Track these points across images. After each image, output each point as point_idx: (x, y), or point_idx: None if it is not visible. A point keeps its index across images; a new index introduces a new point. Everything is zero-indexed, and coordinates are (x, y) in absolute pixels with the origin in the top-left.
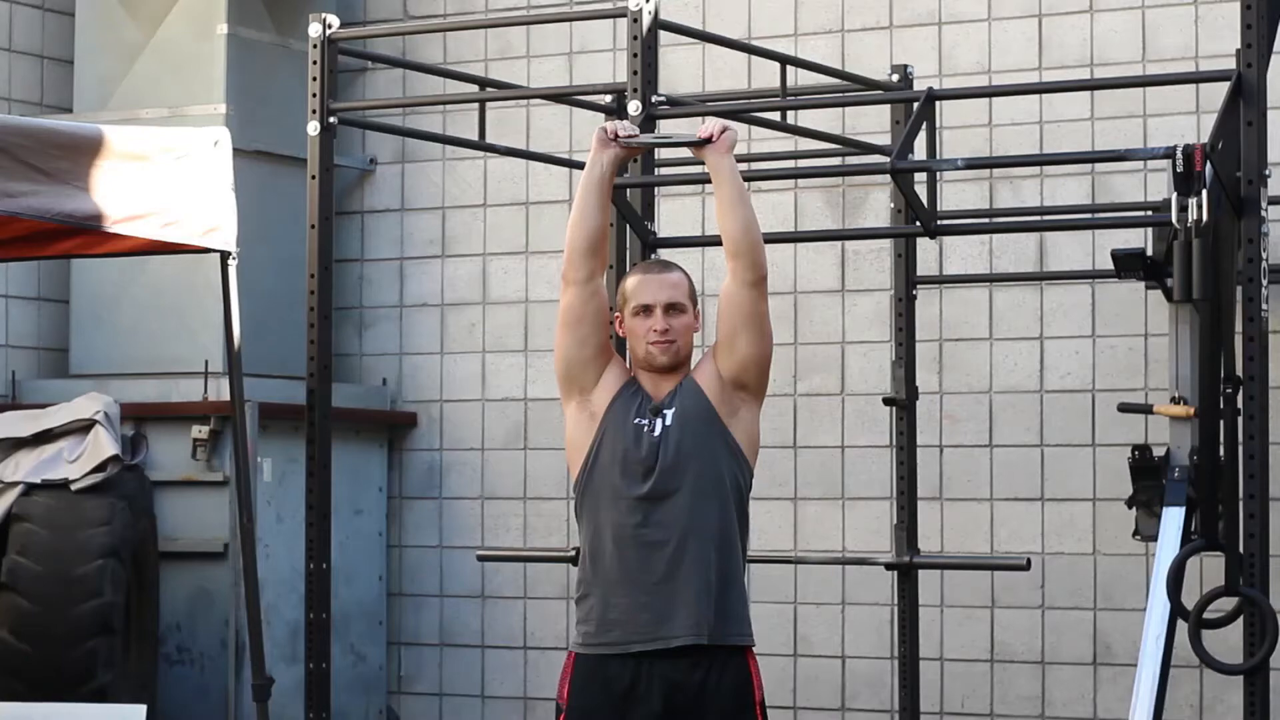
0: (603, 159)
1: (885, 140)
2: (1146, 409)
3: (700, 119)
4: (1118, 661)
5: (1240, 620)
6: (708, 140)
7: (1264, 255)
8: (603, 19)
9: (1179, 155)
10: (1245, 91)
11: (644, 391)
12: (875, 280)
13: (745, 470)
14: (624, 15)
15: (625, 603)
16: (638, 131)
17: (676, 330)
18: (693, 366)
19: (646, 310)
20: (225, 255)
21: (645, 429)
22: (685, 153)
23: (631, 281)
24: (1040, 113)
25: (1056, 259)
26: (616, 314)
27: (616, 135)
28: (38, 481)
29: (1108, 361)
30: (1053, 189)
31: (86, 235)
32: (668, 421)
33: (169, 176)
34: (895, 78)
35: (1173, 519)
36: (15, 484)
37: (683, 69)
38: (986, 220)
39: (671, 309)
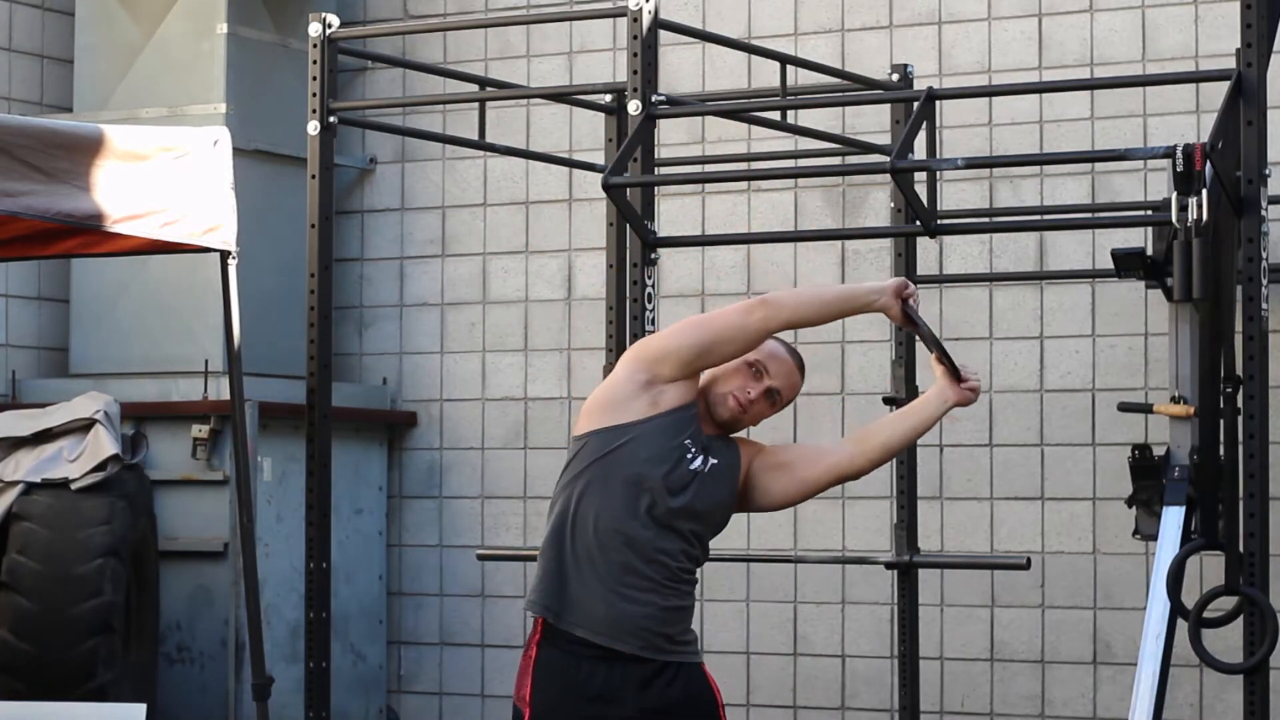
0: (880, 301)
1: (885, 140)
2: (1146, 408)
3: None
4: (1118, 661)
5: (1240, 620)
6: (963, 385)
7: (1264, 255)
8: (603, 18)
9: (1179, 155)
10: (1245, 91)
11: (698, 420)
12: (875, 280)
13: (706, 551)
14: (624, 15)
15: (590, 589)
16: (920, 314)
17: (755, 412)
18: (735, 433)
19: (759, 374)
20: (225, 255)
21: (688, 456)
22: (685, 152)
23: (771, 350)
24: (1040, 112)
25: (1056, 259)
26: (730, 354)
27: (909, 298)
28: (38, 481)
29: (1108, 361)
30: (1053, 188)
31: (86, 235)
32: (706, 467)
33: (169, 176)
34: (895, 77)
35: (1173, 518)
36: (15, 483)
37: (683, 69)
38: (986, 220)
39: (771, 394)
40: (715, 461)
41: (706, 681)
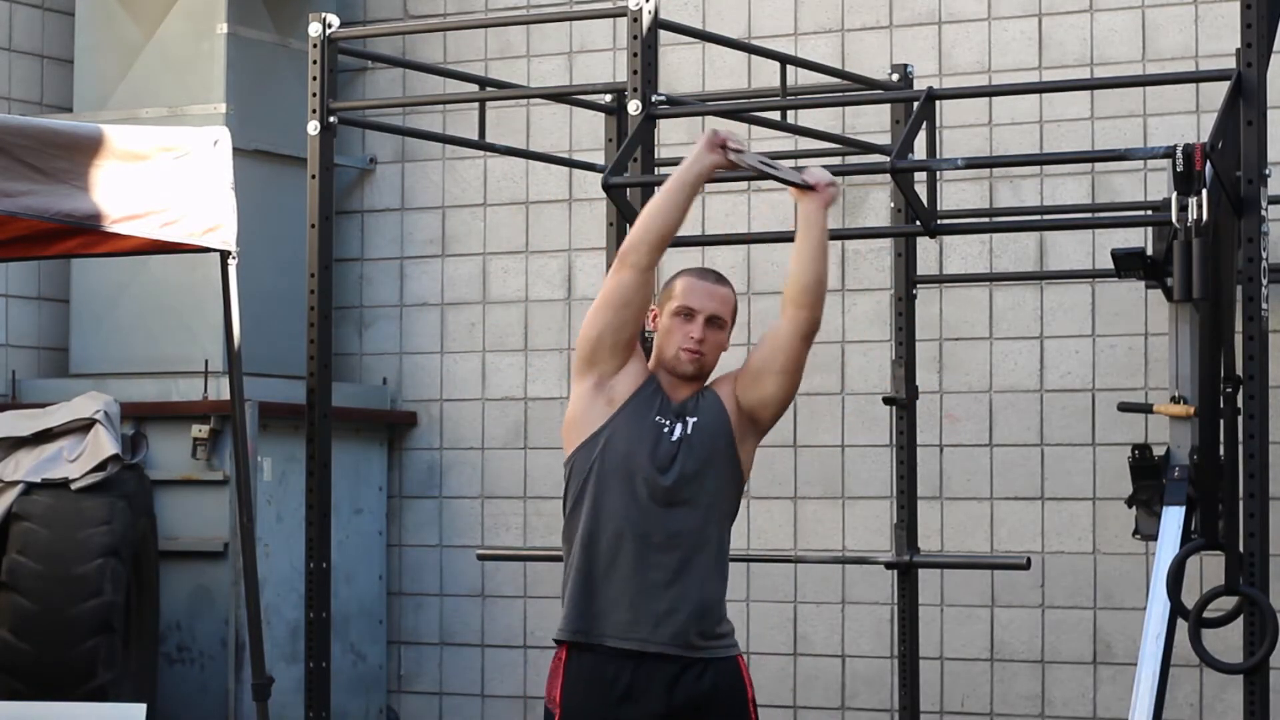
0: (703, 162)
1: (885, 140)
2: (1146, 408)
3: (794, 166)
4: (1118, 661)
5: (1240, 620)
6: (811, 187)
7: (1264, 255)
8: (603, 18)
9: (1179, 155)
10: (1245, 91)
11: (663, 391)
12: (875, 280)
13: (738, 496)
14: (624, 15)
15: (614, 596)
16: (745, 149)
17: (710, 344)
18: (711, 380)
19: (689, 315)
20: (225, 255)
21: (665, 430)
22: (685, 152)
23: (682, 282)
24: (1040, 112)
25: (1056, 259)
26: (653, 309)
27: (725, 144)
28: (38, 481)
29: (1108, 361)
30: (1053, 188)
31: (86, 235)
32: (688, 430)
33: (169, 176)
34: (895, 77)
35: (1173, 518)
36: (15, 483)
37: (683, 69)
38: (986, 220)
39: (712, 322)
40: (696, 419)
41: (738, 675)
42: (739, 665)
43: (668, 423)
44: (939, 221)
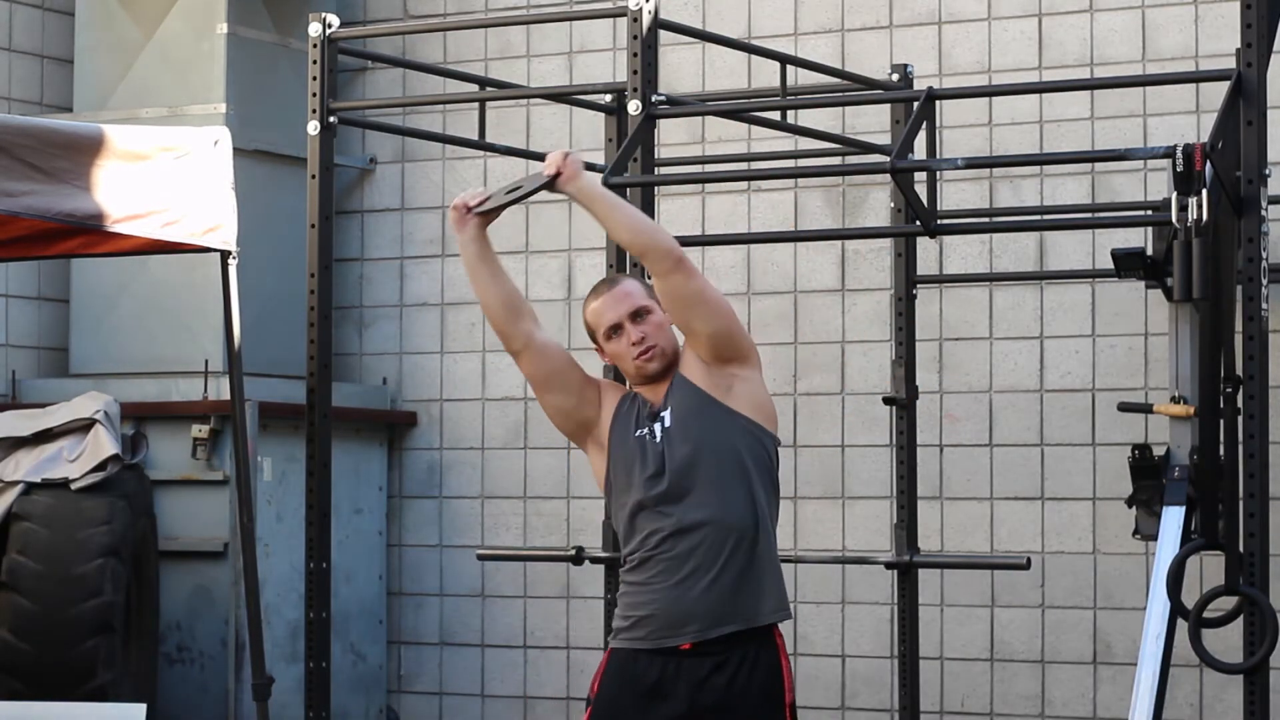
0: (464, 238)
1: (885, 140)
2: (1146, 408)
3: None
4: (1118, 661)
5: (1240, 620)
6: (555, 175)
7: (1264, 255)
8: (603, 18)
9: (1179, 155)
10: (1245, 91)
11: (641, 401)
12: (875, 280)
13: (764, 438)
14: (624, 15)
15: (653, 599)
16: (486, 193)
17: (652, 334)
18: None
19: (617, 330)
20: (225, 255)
21: (648, 438)
22: (685, 152)
23: (591, 310)
24: (1040, 112)
25: (1056, 259)
26: (595, 346)
27: (465, 207)
28: (38, 480)
29: (1108, 361)
30: (1053, 188)
31: (87, 235)
32: (667, 423)
33: (169, 176)
34: (895, 77)
35: (1173, 518)
36: (15, 483)
37: (683, 69)
38: (986, 220)
39: (637, 316)
40: (671, 409)
41: (773, 670)
42: (777, 658)
43: (647, 430)
44: (939, 221)
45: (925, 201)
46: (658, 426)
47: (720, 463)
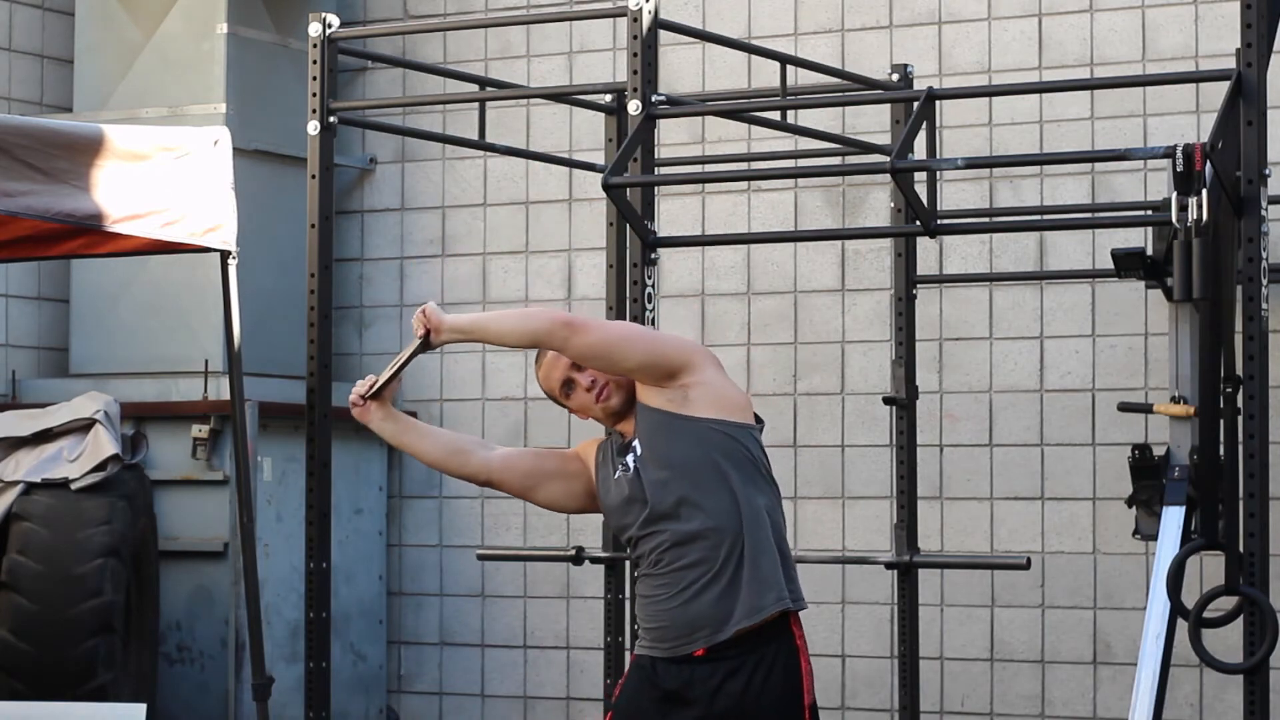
0: (375, 422)
1: (885, 140)
2: (1146, 408)
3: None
4: (1118, 661)
5: (1240, 620)
6: (426, 334)
7: (1264, 255)
8: (603, 18)
9: (1179, 155)
10: (1245, 91)
11: (615, 440)
12: (875, 280)
13: (734, 432)
14: (624, 15)
15: (662, 611)
16: (375, 380)
17: (599, 377)
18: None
19: (569, 385)
20: (225, 255)
21: (624, 473)
22: (685, 152)
23: (541, 379)
24: (1040, 112)
25: (1056, 258)
26: (569, 410)
27: (360, 396)
28: (38, 480)
29: (1108, 361)
30: (1053, 188)
31: (87, 235)
32: (639, 451)
33: (169, 176)
34: (895, 77)
35: (1173, 518)
36: (15, 483)
37: (683, 69)
38: (986, 220)
39: (569, 385)
40: (638, 439)
41: (791, 671)
42: (796, 658)
43: (621, 466)
44: (939, 221)
45: (925, 201)
46: (630, 458)
47: (695, 473)
